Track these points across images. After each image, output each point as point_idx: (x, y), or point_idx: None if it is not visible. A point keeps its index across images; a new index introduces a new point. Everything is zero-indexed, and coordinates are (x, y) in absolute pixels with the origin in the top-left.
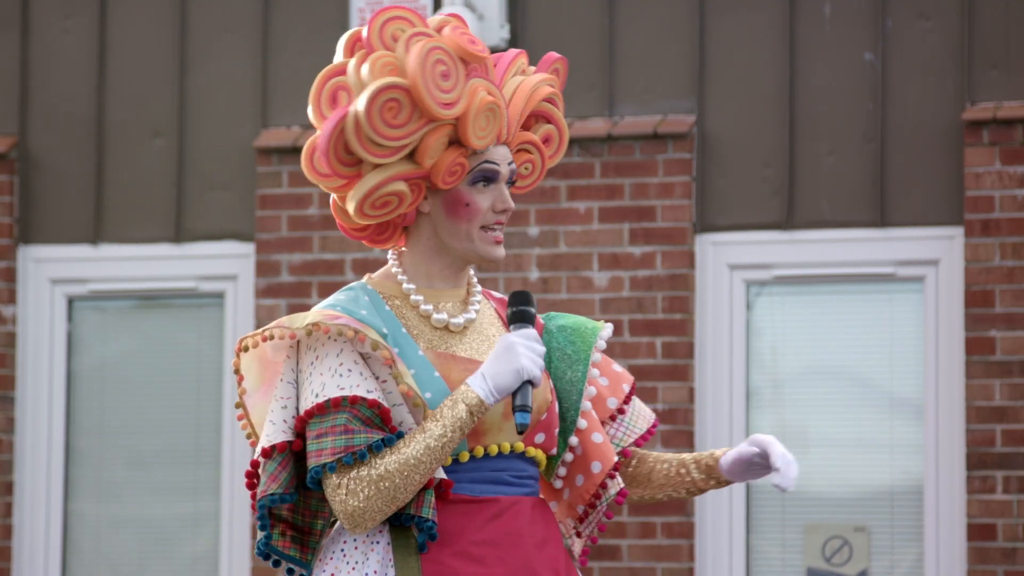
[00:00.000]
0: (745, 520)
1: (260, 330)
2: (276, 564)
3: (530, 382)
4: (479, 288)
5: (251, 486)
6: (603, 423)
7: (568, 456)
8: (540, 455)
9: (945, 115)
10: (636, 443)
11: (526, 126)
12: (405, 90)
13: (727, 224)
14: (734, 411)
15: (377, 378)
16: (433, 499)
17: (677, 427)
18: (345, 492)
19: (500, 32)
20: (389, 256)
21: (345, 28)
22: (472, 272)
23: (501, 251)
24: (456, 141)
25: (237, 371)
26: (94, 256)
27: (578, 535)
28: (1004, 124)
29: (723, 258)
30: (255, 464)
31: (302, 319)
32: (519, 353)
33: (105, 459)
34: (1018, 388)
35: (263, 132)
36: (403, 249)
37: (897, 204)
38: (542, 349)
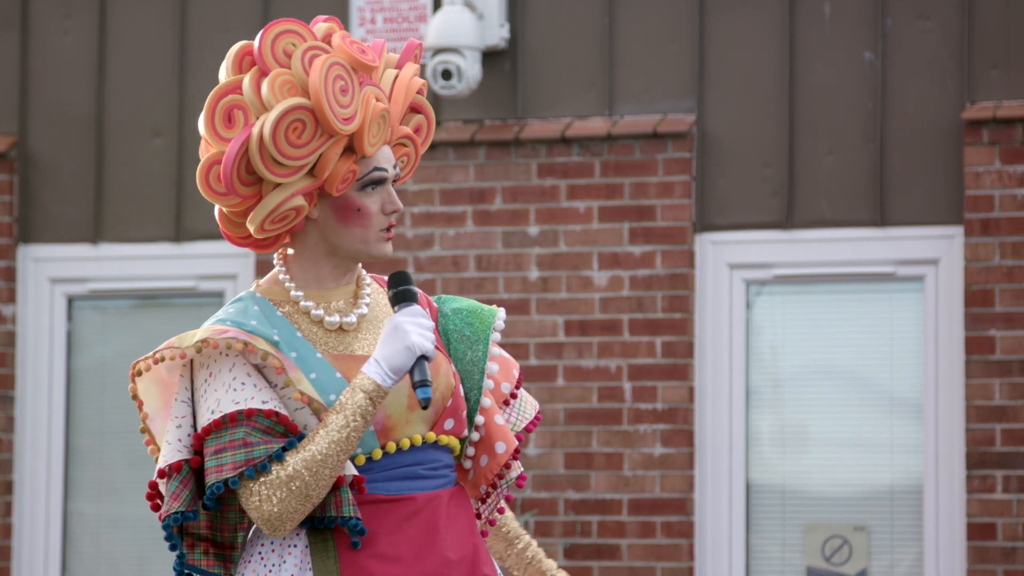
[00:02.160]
0: (745, 519)
1: (151, 353)
2: None
3: (424, 357)
4: (367, 279)
5: (155, 508)
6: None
7: (474, 435)
8: (453, 441)
9: (945, 114)
10: (527, 428)
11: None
12: (309, 110)
13: (727, 223)
14: (734, 410)
15: (275, 386)
16: (351, 496)
17: (677, 427)
18: (259, 499)
19: (500, 32)
20: (275, 261)
21: (345, 26)
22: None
23: (389, 247)
24: (349, 148)
25: (135, 397)
26: (94, 255)
27: (478, 516)
28: (1004, 123)
29: (723, 257)
30: (152, 485)
31: (191, 337)
32: (407, 331)
33: (105, 458)
34: (1018, 387)
35: None
36: (290, 252)
37: (897, 203)
38: (430, 324)
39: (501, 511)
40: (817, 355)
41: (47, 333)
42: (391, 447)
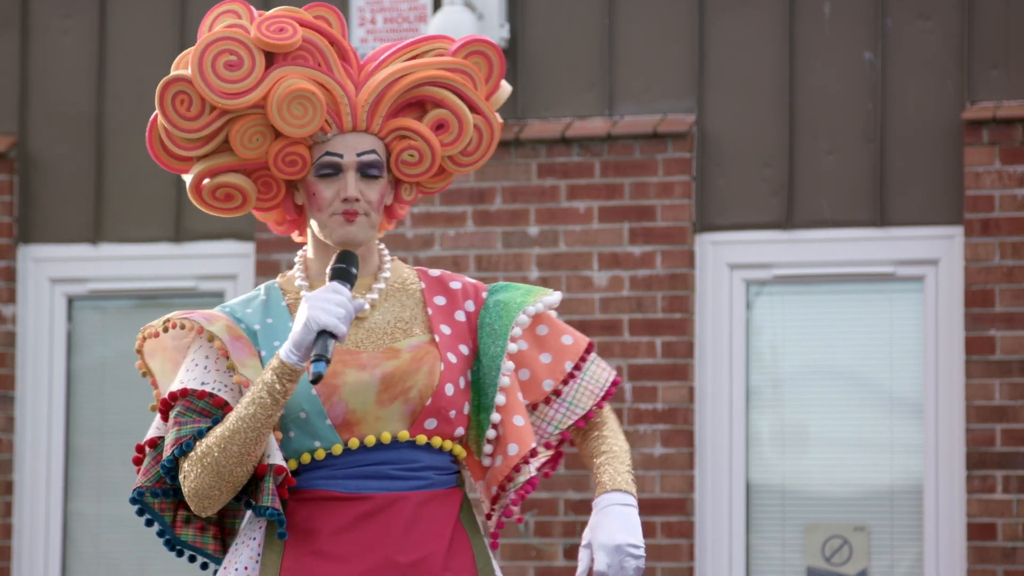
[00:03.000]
0: (745, 519)
1: (139, 336)
2: (185, 555)
3: (329, 333)
4: (386, 275)
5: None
6: (535, 406)
7: (491, 433)
8: (443, 443)
9: (945, 115)
10: (576, 424)
11: (404, 112)
12: (189, 82)
13: (727, 223)
14: (734, 411)
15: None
16: (271, 486)
17: (677, 427)
18: (183, 476)
19: (500, 32)
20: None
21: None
22: (386, 257)
23: (351, 229)
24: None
25: (148, 374)
26: (94, 255)
27: (488, 516)
28: (1004, 123)
29: (723, 257)
30: (136, 461)
31: (163, 318)
32: (310, 306)
33: (105, 459)
34: (1018, 387)
35: None
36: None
37: (897, 203)
38: (343, 299)
39: (510, 514)
40: (817, 355)
41: (47, 333)
42: (354, 443)
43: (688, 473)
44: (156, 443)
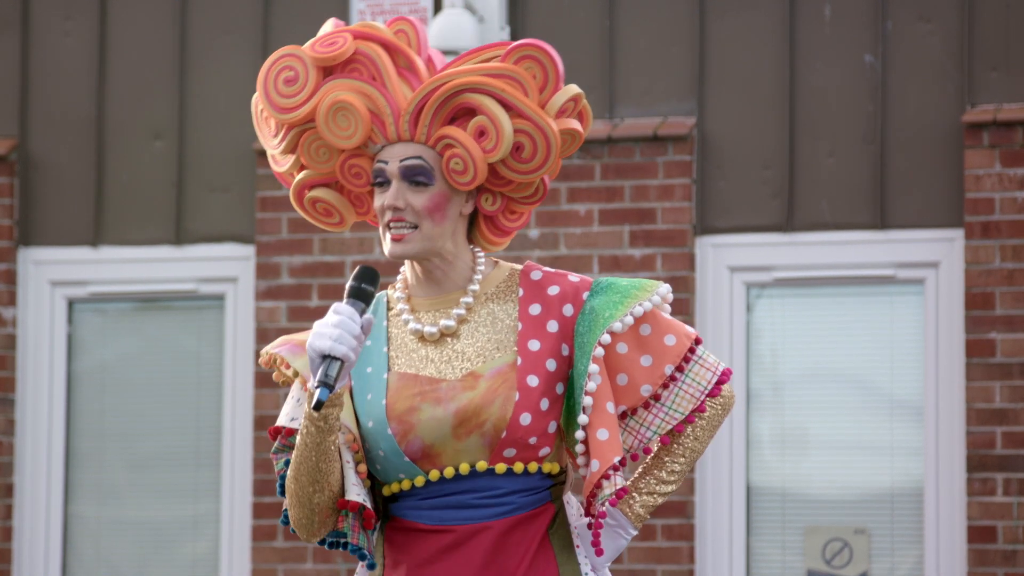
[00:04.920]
0: (745, 522)
1: (263, 358)
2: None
3: (334, 357)
4: (474, 287)
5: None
6: (635, 411)
7: (580, 448)
8: (535, 467)
9: (945, 117)
10: (676, 429)
11: (460, 120)
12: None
13: (727, 226)
14: (734, 413)
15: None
16: (352, 522)
17: None
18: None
19: (500, 34)
20: None
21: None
22: (479, 265)
23: (395, 247)
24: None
25: (295, 375)
26: (94, 258)
27: (589, 526)
28: (1004, 126)
29: (723, 260)
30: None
31: (272, 344)
32: (312, 334)
33: (105, 461)
34: (1018, 390)
35: None
36: None
37: (897, 206)
38: (342, 319)
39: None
40: (817, 358)
41: (47, 336)
42: (435, 475)
43: (688, 476)
44: (292, 433)
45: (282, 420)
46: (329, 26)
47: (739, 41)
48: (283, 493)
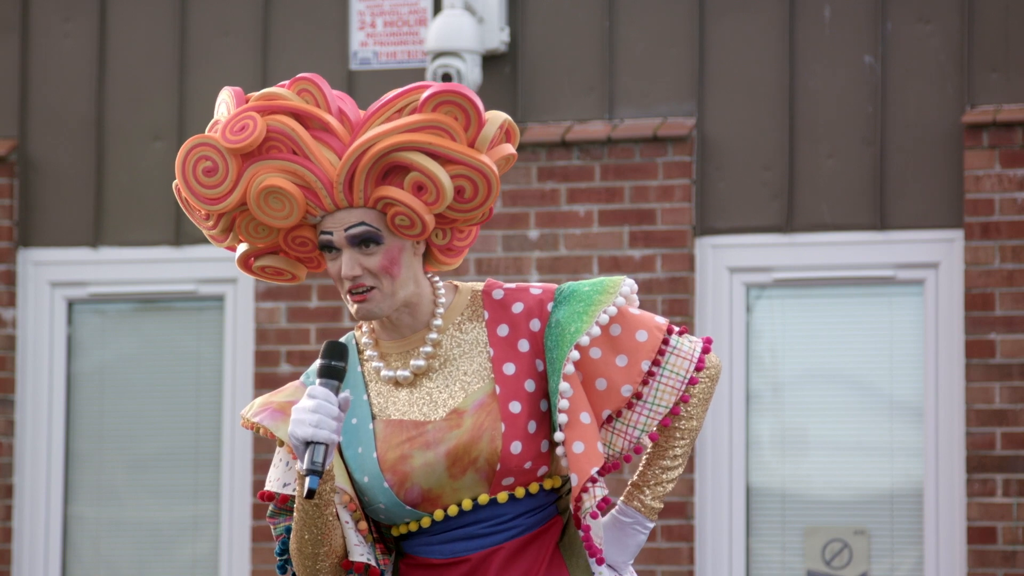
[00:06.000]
0: (745, 523)
1: (245, 421)
2: None
3: (317, 443)
4: (438, 322)
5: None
6: (620, 413)
7: (564, 462)
8: (536, 487)
9: (945, 118)
10: (663, 423)
11: (392, 175)
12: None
13: (727, 227)
14: (734, 414)
15: None
16: None
17: None
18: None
19: (500, 35)
20: None
21: (345, 30)
22: (440, 297)
23: (361, 310)
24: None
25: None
26: (94, 259)
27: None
28: (1004, 127)
29: (723, 261)
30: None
31: (248, 408)
32: (292, 421)
33: (105, 462)
34: (1018, 391)
35: None
36: None
37: (897, 207)
38: (318, 403)
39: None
40: (817, 359)
41: (47, 337)
42: (439, 515)
43: (688, 476)
44: (285, 500)
45: (273, 486)
46: (226, 96)
47: (739, 42)
48: (282, 553)
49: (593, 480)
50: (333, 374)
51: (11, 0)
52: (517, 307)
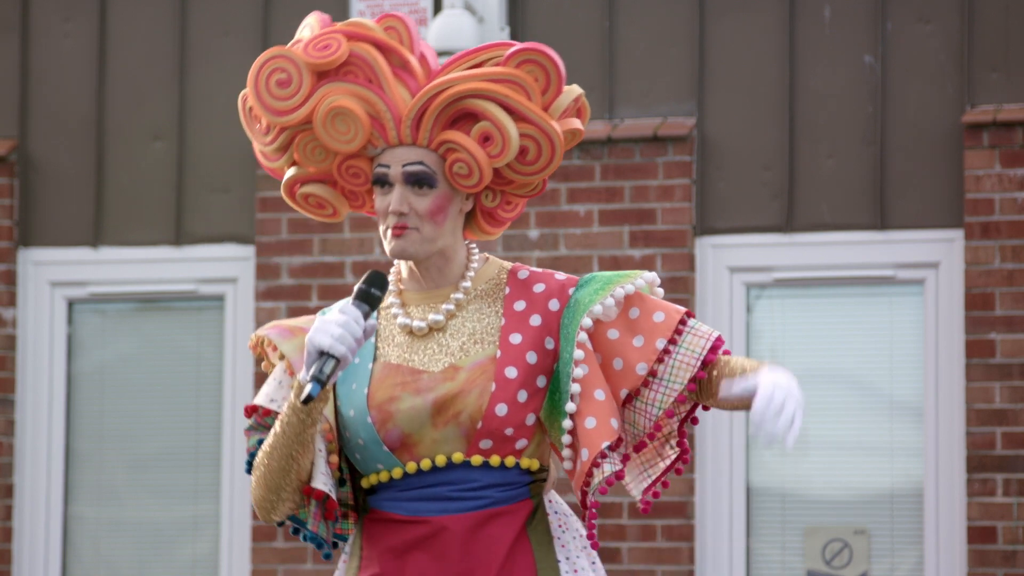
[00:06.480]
0: (745, 523)
1: (251, 341)
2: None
3: (331, 355)
4: (466, 283)
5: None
6: (637, 392)
7: (567, 439)
8: (513, 461)
9: (945, 118)
10: (679, 399)
11: (460, 123)
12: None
13: (727, 227)
14: (734, 413)
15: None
16: (315, 510)
17: None
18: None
19: (500, 35)
20: None
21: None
22: (473, 262)
23: (399, 243)
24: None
25: (282, 358)
26: (94, 259)
27: (582, 518)
28: (1004, 127)
29: (723, 261)
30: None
31: (262, 328)
32: (314, 328)
33: (105, 462)
34: (1018, 391)
35: None
36: None
37: (897, 207)
38: (346, 320)
39: (594, 504)
40: (817, 358)
41: (47, 337)
42: (412, 467)
43: (688, 476)
44: (268, 414)
45: (260, 400)
46: (313, 20)
47: (739, 42)
48: (250, 471)
49: (603, 455)
50: (368, 300)
51: (11, 0)
52: (539, 287)
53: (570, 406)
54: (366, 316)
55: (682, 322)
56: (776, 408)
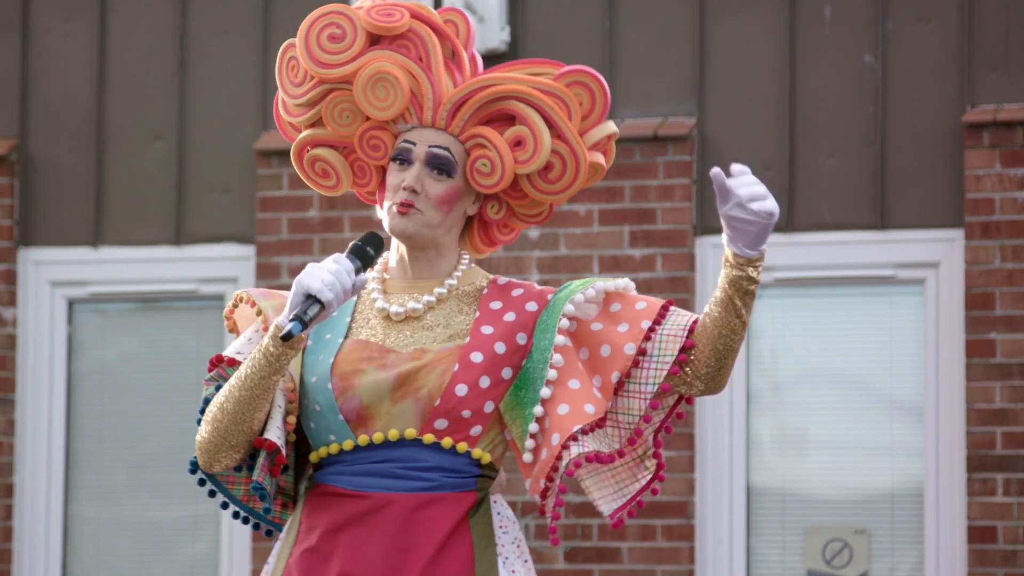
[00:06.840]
0: (745, 522)
1: (229, 305)
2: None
3: (316, 300)
4: (452, 281)
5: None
6: (629, 374)
7: (533, 427)
8: (465, 447)
9: (945, 118)
10: (672, 371)
11: (495, 123)
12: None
13: None
14: (734, 414)
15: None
16: (261, 460)
17: (677, 429)
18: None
19: (500, 35)
20: None
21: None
22: (462, 264)
23: (401, 221)
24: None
25: (235, 330)
26: (94, 259)
27: (542, 512)
28: (1004, 126)
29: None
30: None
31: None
32: (304, 271)
33: (105, 462)
34: (1018, 390)
35: (263, 135)
36: None
37: (897, 206)
38: (338, 269)
39: (558, 503)
40: (817, 358)
41: (47, 336)
42: (364, 440)
43: (688, 476)
44: (233, 363)
45: (229, 352)
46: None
47: (739, 41)
48: (201, 414)
49: (574, 438)
50: (362, 256)
51: (11, 0)
52: (517, 292)
53: (545, 391)
54: (358, 272)
55: (664, 307)
56: (752, 179)
